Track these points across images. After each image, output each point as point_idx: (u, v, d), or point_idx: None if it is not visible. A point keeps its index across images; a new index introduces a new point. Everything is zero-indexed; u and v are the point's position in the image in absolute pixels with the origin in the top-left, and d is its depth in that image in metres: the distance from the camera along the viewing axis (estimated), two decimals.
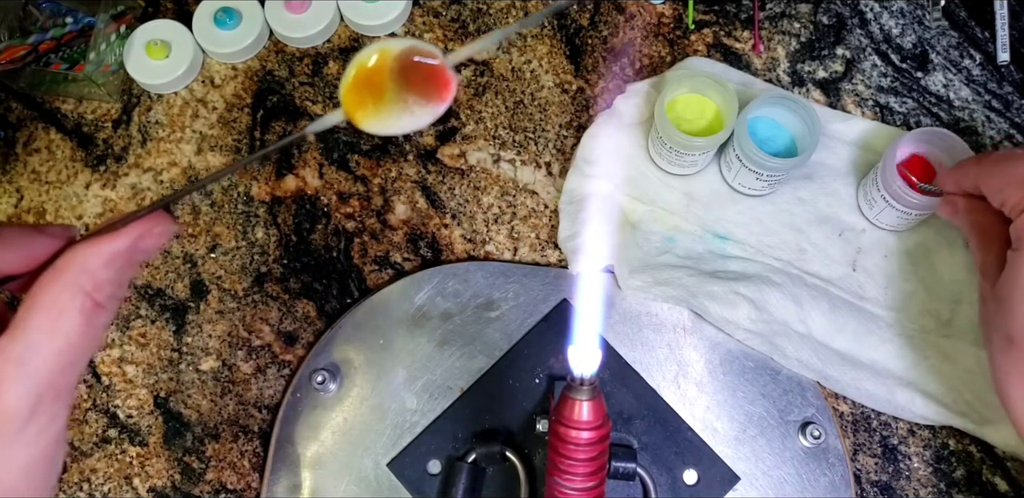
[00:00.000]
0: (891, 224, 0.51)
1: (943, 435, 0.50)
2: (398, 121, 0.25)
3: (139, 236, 0.26)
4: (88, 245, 0.26)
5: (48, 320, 0.24)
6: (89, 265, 0.25)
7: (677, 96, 0.51)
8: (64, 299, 0.25)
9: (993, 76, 0.56)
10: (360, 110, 0.25)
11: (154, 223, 0.27)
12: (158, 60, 0.57)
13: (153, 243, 0.27)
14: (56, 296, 0.25)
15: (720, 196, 0.53)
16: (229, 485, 0.50)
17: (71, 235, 0.27)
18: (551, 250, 0.54)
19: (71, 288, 0.25)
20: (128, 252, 0.26)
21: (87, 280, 0.25)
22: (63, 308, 0.25)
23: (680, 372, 0.50)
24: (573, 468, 0.39)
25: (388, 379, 0.50)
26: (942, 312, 0.50)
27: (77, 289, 0.25)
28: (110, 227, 0.26)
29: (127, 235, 0.26)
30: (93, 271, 0.25)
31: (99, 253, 0.26)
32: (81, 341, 0.25)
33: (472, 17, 0.59)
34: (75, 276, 0.25)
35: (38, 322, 0.24)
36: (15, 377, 0.24)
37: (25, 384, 0.24)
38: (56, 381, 0.25)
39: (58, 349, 0.24)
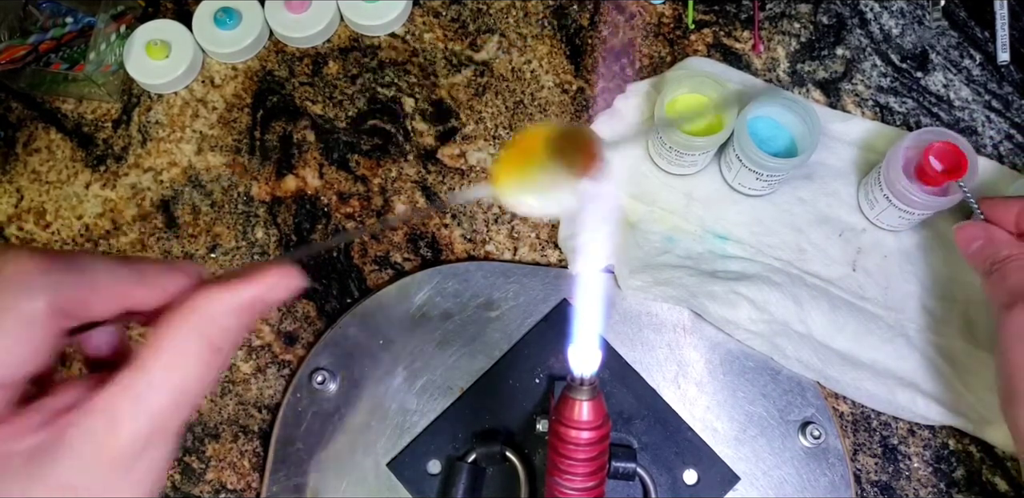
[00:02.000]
0: (892, 224, 0.51)
1: (943, 435, 0.50)
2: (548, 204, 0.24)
3: (268, 289, 0.27)
4: (217, 292, 0.26)
5: (170, 361, 0.25)
6: (216, 312, 0.26)
7: (677, 96, 0.51)
8: (188, 343, 0.25)
9: (993, 76, 0.56)
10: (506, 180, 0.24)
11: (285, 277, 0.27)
12: (158, 60, 0.57)
13: (279, 297, 0.27)
14: (181, 339, 0.25)
15: (720, 196, 0.53)
16: (229, 485, 0.50)
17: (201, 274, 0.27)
18: (551, 250, 0.54)
19: (196, 333, 0.25)
20: (252, 303, 0.27)
21: (211, 326, 0.26)
22: (185, 352, 0.25)
23: (680, 372, 0.50)
24: (573, 468, 0.39)
25: (388, 379, 0.50)
26: (942, 312, 0.50)
27: (201, 334, 0.25)
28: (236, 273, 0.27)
29: (256, 286, 0.26)
30: (218, 318, 0.26)
31: (226, 301, 0.26)
32: (197, 385, 0.25)
33: (472, 17, 0.59)
34: (201, 321, 0.26)
35: (161, 362, 0.25)
36: (133, 413, 0.24)
37: (141, 421, 0.24)
38: (168, 422, 0.25)
39: (175, 390, 0.25)
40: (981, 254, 0.45)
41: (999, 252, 0.44)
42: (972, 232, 0.46)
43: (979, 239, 0.45)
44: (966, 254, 0.46)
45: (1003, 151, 0.55)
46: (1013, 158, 0.54)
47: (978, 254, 0.45)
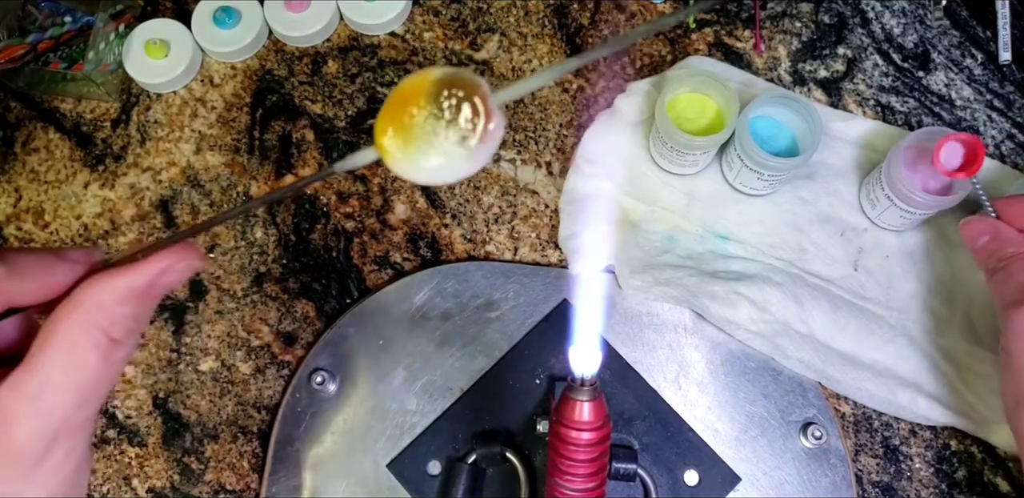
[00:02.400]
0: (893, 224, 0.51)
1: (945, 436, 0.50)
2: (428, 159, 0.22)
3: (160, 272, 0.25)
4: (106, 279, 0.25)
5: (63, 356, 0.24)
6: (105, 301, 0.24)
7: (678, 95, 0.51)
8: (79, 335, 0.24)
9: (995, 75, 0.56)
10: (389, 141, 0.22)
11: (178, 257, 0.26)
12: (157, 59, 0.57)
13: (175, 279, 0.26)
14: (70, 331, 0.24)
15: (721, 196, 0.53)
16: (228, 486, 0.50)
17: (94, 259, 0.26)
18: (551, 250, 0.54)
19: (86, 324, 0.24)
20: (147, 288, 0.25)
21: (103, 316, 0.24)
22: (78, 344, 0.24)
23: (681, 372, 0.49)
24: (574, 469, 0.39)
25: (388, 379, 0.50)
26: (944, 312, 0.50)
27: (92, 325, 0.24)
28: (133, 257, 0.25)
29: (147, 270, 0.25)
30: (109, 307, 0.24)
31: (116, 289, 0.25)
32: (97, 377, 0.24)
33: (472, 16, 0.59)
34: (90, 312, 0.24)
35: (52, 358, 0.24)
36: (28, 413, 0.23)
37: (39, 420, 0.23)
38: (71, 417, 0.24)
39: (73, 385, 0.24)
40: (986, 250, 0.44)
41: (1005, 249, 0.43)
42: (979, 227, 0.45)
43: (986, 235, 0.44)
44: (972, 249, 0.45)
45: (1005, 151, 0.55)
46: (1015, 157, 0.54)
47: (984, 250, 0.44)
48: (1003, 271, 0.43)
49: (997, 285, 0.43)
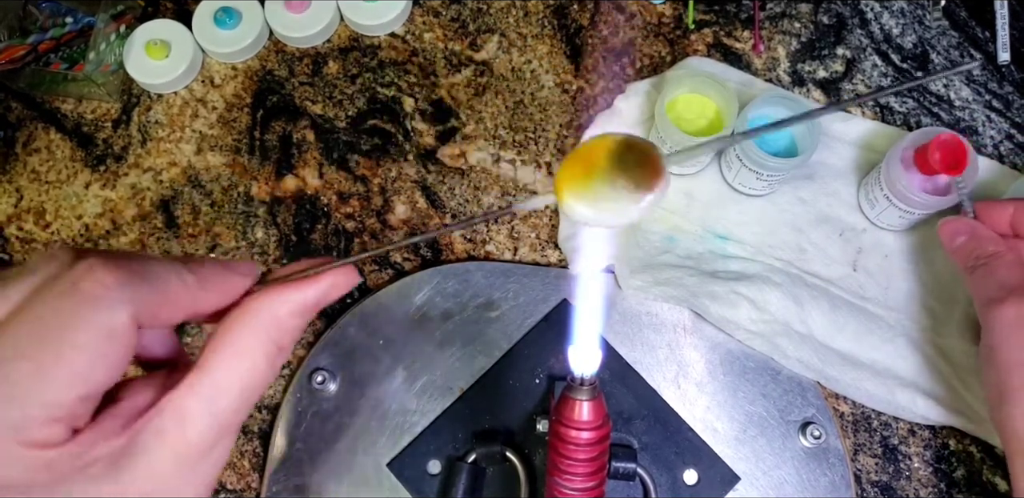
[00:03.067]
0: (892, 224, 0.51)
1: (943, 435, 0.50)
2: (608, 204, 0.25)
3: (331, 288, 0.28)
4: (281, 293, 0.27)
5: (236, 362, 0.26)
6: (280, 313, 0.27)
7: (677, 96, 0.51)
8: (253, 343, 0.26)
9: (993, 76, 0.56)
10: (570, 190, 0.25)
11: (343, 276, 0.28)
12: (158, 60, 0.57)
13: (336, 295, 0.28)
14: (246, 340, 0.26)
15: (721, 196, 0.53)
16: (229, 485, 0.50)
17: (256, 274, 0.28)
18: (551, 250, 0.54)
19: (260, 334, 0.26)
20: (317, 303, 0.27)
21: (275, 327, 0.26)
22: (251, 352, 0.26)
23: (680, 372, 0.50)
24: (573, 468, 0.39)
25: (388, 379, 0.50)
26: (942, 312, 0.50)
27: (265, 335, 0.26)
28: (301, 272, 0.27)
29: (318, 287, 0.27)
30: (284, 319, 0.27)
31: (290, 302, 0.27)
32: (261, 383, 0.26)
33: (472, 17, 0.59)
34: (265, 322, 0.26)
35: (227, 363, 0.26)
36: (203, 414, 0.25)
37: (211, 420, 0.25)
38: (234, 419, 0.26)
39: (244, 388, 0.26)
40: (964, 249, 0.45)
41: (985, 247, 0.44)
42: (956, 227, 0.46)
43: (963, 234, 0.45)
44: (949, 249, 0.46)
45: (1003, 151, 0.55)
46: (1013, 158, 0.54)
47: (962, 249, 0.45)
48: (982, 269, 0.43)
49: (976, 283, 0.43)
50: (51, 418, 0.23)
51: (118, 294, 0.24)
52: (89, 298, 0.23)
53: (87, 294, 0.23)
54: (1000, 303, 0.41)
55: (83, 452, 0.23)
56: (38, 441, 0.22)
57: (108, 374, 0.24)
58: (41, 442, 0.22)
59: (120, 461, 0.24)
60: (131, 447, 0.24)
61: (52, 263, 0.24)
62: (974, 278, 0.44)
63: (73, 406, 0.23)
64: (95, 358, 0.23)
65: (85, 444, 0.23)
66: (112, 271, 0.24)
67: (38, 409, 0.22)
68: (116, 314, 0.23)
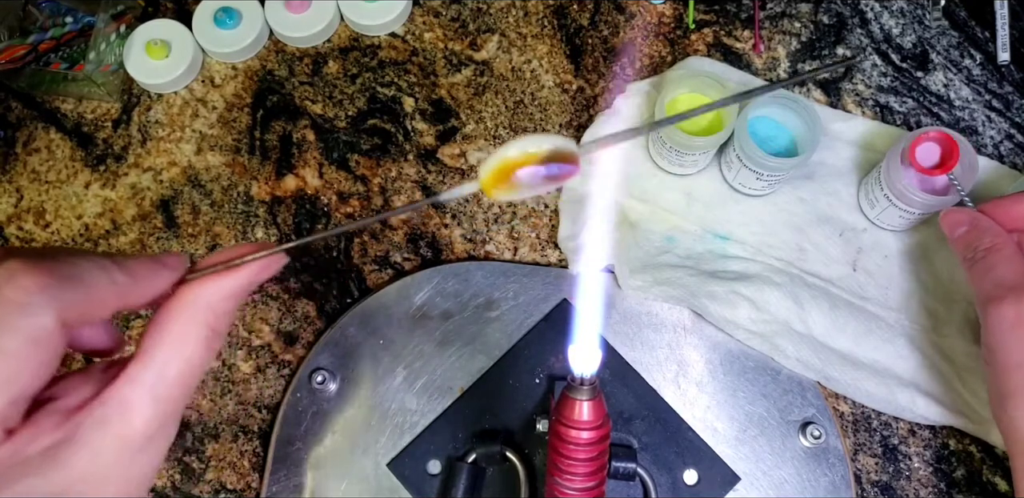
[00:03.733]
0: (892, 224, 0.51)
1: (943, 435, 0.50)
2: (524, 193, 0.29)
3: (260, 271, 0.29)
4: (214, 280, 0.28)
5: (175, 350, 0.27)
6: (213, 300, 0.28)
7: (677, 96, 0.51)
8: (190, 331, 0.27)
9: (993, 76, 0.56)
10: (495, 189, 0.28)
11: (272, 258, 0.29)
12: (158, 60, 0.57)
13: (268, 276, 0.29)
14: (183, 328, 0.27)
15: (721, 196, 0.53)
16: (229, 485, 0.50)
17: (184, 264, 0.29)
18: (551, 250, 0.54)
19: (196, 321, 0.27)
20: (248, 286, 0.29)
21: (210, 313, 0.27)
22: (189, 339, 0.27)
23: (680, 372, 0.50)
24: (573, 468, 0.39)
25: (388, 379, 0.50)
26: (942, 312, 0.50)
27: (202, 321, 0.27)
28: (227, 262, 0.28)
29: (249, 271, 0.28)
30: (216, 305, 0.28)
31: (223, 289, 0.28)
32: (200, 367, 0.27)
33: (472, 17, 0.59)
34: (201, 310, 0.27)
35: (166, 352, 0.27)
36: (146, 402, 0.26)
37: (154, 409, 0.26)
38: (176, 406, 0.27)
39: (182, 376, 0.27)
40: (964, 240, 0.44)
41: (982, 239, 0.43)
42: (958, 218, 0.45)
43: (964, 225, 0.45)
44: (950, 239, 0.45)
45: (1003, 151, 0.55)
46: (1013, 158, 0.54)
47: (961, 240, 0.44)
48: (980, 263, 0.43)
49: (975, 279, 0.43)
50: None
51: (42, 299, 0.24)
52: (12, 304, 0.23)
53: (9, 300, 0.23)
54: (999, 302, 0.40)
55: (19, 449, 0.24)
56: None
57: (36, 377, 0.24)
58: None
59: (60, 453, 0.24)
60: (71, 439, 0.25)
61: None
62: (973, 273, 0.43)
63: (3, 410, 0.23)
64: (22, 363, 0.24)
65: (20, 442, 0.24)
66: (35, 275, 0.24)
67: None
68: (41, 319, 0.24)
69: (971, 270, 0.43)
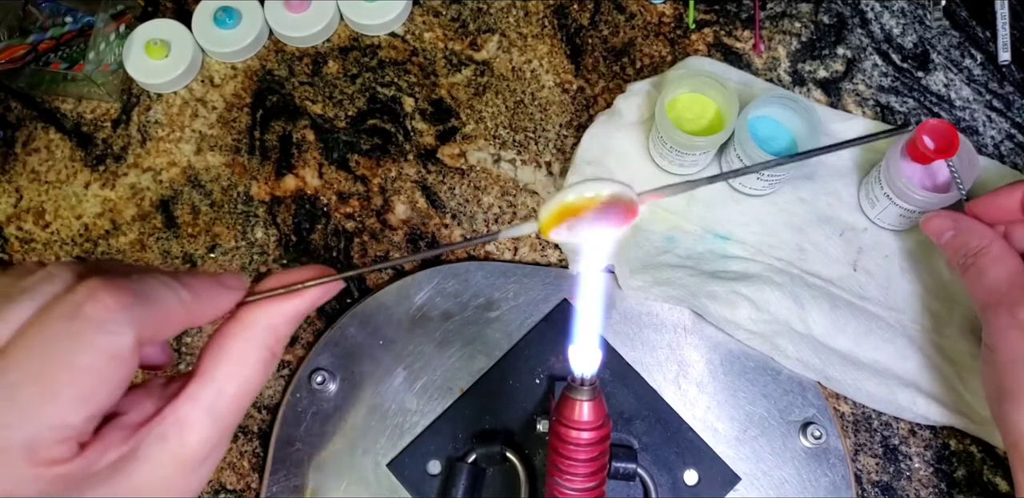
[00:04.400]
0: (893, 223, 0.51)
1: (944, 435, 0.50)
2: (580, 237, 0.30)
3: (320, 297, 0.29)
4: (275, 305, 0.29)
5: (235, 370, 0.27)
6: (275, 322, 0.28)
7: (677, 96, 0.51)
8: (250, 352, 0.28)
9: (994, 76, 0.56)
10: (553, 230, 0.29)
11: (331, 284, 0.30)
12: (157, 59, 0.57)
13: (325, 300, 0.30)
14: (243, 349, 0.28)
15: (721, 196, 0.53)
16: (229, 485, 0.50)
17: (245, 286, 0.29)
18: (551, 250, 0.54)
19: (257, 343, 0.28)
20: (307, 311, 0.29)
21: (270, 336, 0.28)
22: (248, 360, 0.28)
23: (681, 372, 0.50)
24: (573, 468, 0.39)
25: (388, 379, 0.50)
26: (943, 312, 0.50)
27: (262, 344, 0.28)
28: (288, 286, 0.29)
29: (310, 297, 0.29)
30: (277, 328, 0.28)
31: (284, 313, 0.29)
32: (256, 388, 0.28)
33: (472, 16, 0.59)
34: (262, 332, 0.28)
35: (226, 372, 0.27)
36: (204, 421, 0.27)
37: (211, 428, 0.27)
38: (232, 424, 0.28)
39: (239, 396, 0.27)
40: (952, 246, 0.45)
41: (970, 243, 0.44)
42: (940, 223, 0.45)
43: (949, 230, 0.45)
44: (939, 246, 0.46)
45: (1004, 151, 0.55)
46: (1014, 158, 0.54)
47: (950, 246, 0.45)
48: (972, 269, 0.43)
49: (970, 284, 0.44)
50: (60, 438, 0.24)
51: (121, 317, 0.24)
52: (93, 322, 0.24)
53: (91, 318, 0.24)
54: (995, 307, 0.41)
55: (91, 463, 0.24)
56: (48, 460, 0.23)
57: (112, 394, 0.25)
58: (51, 460, 0.23)
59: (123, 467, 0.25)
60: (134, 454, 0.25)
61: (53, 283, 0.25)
62: (966, 279, 0.44)
63: (80, 426, 0.24)
64: (100, 380, 0.24)
65: (92, 457, 0.24)
66: (114, 294, 0.24)
67: (47, 431, 0.23)
68: (120, 337, 0.24)
69: (964, 276, 0.44)
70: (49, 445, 0.23)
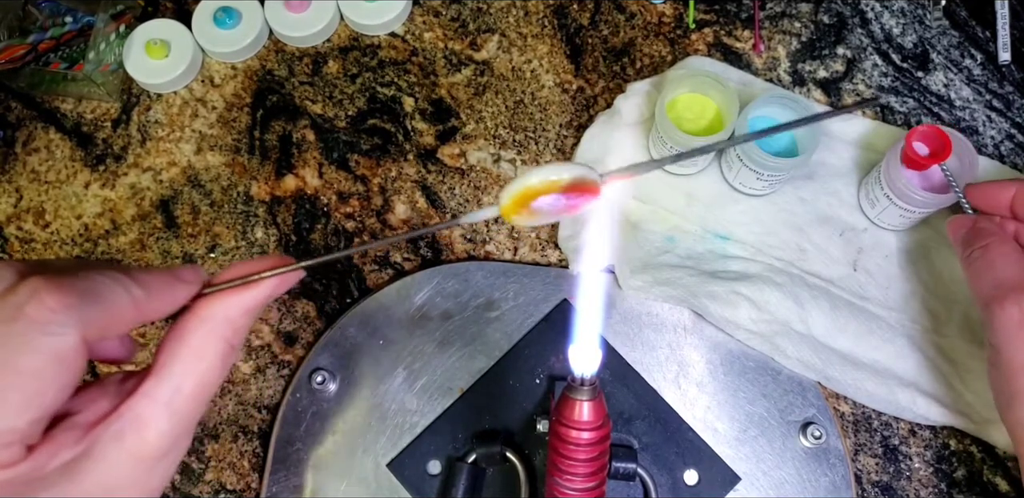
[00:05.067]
0: (893, 223, 0.51)
1: (944, 435, 0.50)
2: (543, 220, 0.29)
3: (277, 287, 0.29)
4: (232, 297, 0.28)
5: (192, 365, 0.27)
6: (232, 315, 0.28)
7: (677, 96, 0.51)
8: (208, 346, 0.27)
9: (994, 76, 0.56)
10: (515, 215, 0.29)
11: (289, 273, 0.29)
12: (157, 59, 0.57)
13: (284, 290, 0.29)
14: (200, 343, 0.27)
15: (721, 196, 0.53)
16: (229, 485, 0.50)
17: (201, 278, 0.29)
18: (551, 250, 0.54)
19: (214, 336, 0.27)
20: (265, 301, 0.29)
21: (228, 328, 0.28)
22: (206, 354, 0.27)
23: (681, 372, 0.50)
24: (573, 468, 0.39)
25: (388, 379, 0.50)
26: (943, 312, 0.50)
27: (219, 337, 0.27)
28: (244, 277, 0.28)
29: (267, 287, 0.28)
30: (234, 320, 0.28)
31: (242, 305, 0.28)
32: (216, 382, 0.27)
33: (472, 16, 0.59)
34: (219, 325, 0.27)
35: (183, 367, 0.27)
36: (162, 418, 0.26)
37: (169, 424, 0.26)
38: (191, 420, 0.27)
39: (198, 391, 0.27)
40: (964, 239, 0.44)
41: (978, 238, 0.43)
42: (962, 221, 0.45)
43: (966, 228, 0.45)
44: (953, 242, 0.45)
45: (1004, 151, 0.55)
46: (1014, 158, 0.54)
47: (961, 241, 0.44)
48: (979, 262, 0.42)
49: (973, 279, 0.42)
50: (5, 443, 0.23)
51: (65, 317, 0.24)
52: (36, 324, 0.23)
53: (34, 320, 0.23)
54: (1001, 302, 0.40)
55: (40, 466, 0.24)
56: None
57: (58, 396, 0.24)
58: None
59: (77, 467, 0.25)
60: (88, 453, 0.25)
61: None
62: (972, 272, 0.43)
63: (25, 430, 0.23)
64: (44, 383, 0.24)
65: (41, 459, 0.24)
66: (57, 294, 0.24)
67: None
68: (64, 338, 0.24)
69: (969, 269, 0.43)
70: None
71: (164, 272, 0.28)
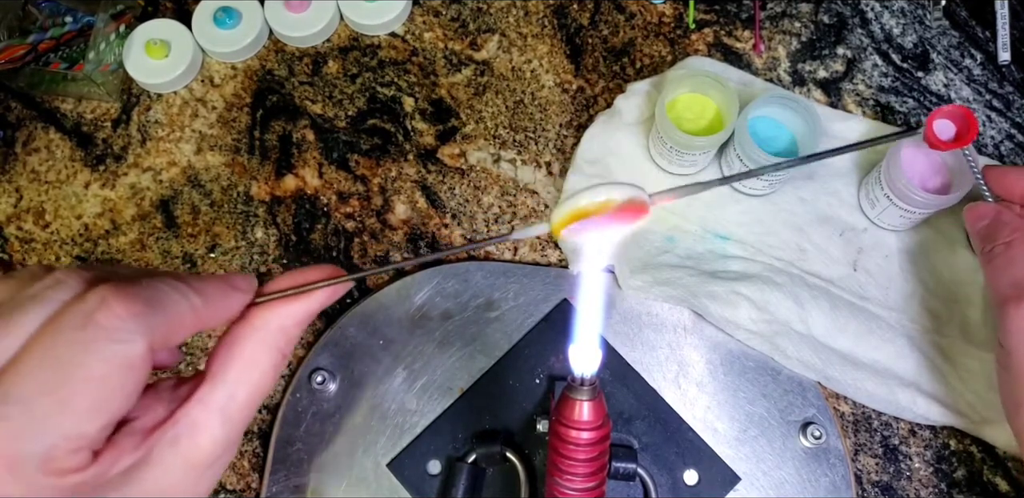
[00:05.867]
0: (893, 223, 0.51)
1: (944, 435, 0.50)
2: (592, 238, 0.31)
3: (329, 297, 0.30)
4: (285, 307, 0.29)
5: (245, 372, 0.27)
6: (286, 325, 0.28)
7: (677, 96, 0.51)
8: (261, 354, 0.28)
9: (994, 76, 0.56)
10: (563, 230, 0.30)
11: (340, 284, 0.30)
12: (157, 59, 0.57)
13: (333, 301, 0.30)
14: (254, 351, 0.28)
15: (721, 196, 0.53)
16: (229, 485, 0.50)
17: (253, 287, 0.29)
18: (551, 250, 0.54)
19: (267, 345, 0.28)
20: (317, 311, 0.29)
21: (281, 338, 0.28)
22: (259, 362, 0.28)
23: (681, 372, 0.50)
24: (573, 468, 0.39)
25: (388, 379, 0.50)
26: (943, 312, 0.50)
27: (272, 346, 0.28)
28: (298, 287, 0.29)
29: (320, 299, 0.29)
30: (287, 329, 0.28)
31: (294, 315, 0.29)
32: (267, 390, 0.28)
33: (472, 16, 0.59)
34: (272, 335, 0.28)
35: (236, 375, 0.27)
36: (216, 424, 0.27)
37: (222, 431, 0.27)
38: (242, 427, 0.28)
39: (250, 398, 0.28)
40: (983, 233, 0.42)
41: (1001, 232, 0.41)
42: (983, 211, 0.43)
43: (987, 218, 0.43)
44: (971, 234, 0.44)
45: (1004, 151, 0.55)
46: (1014, 158, 0.54)
47: (980, 233, 0.43)
48: (998, 259, 0.41)
49: (992, 276, 0.41)
50: (74, 448, 0.24)
51: (133, 325, 0.24)
52: (105, 331, 0.24)
53: (103, 327, 0.24)
54: (1017, 302, 0.38)
55: (104, 472, 0.25)
56: (63, 469, 0.24)
57: (125, 402, 0.25)
58: (66, 470, 0.24)
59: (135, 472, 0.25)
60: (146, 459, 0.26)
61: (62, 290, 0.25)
62: (990, 269, 0.41)
63: (94, 435, 0.24)
64: (113, 389, 0.24)
65: (106, 464, 0.25)
66: (125, 301, 0.24)
67: (62, 441, 0.23)
68: (132, 346, 0.24)
69: (988, 266, 0.41)
70: (64, 455, 0.23)
71: (219, 280, 0.28)
